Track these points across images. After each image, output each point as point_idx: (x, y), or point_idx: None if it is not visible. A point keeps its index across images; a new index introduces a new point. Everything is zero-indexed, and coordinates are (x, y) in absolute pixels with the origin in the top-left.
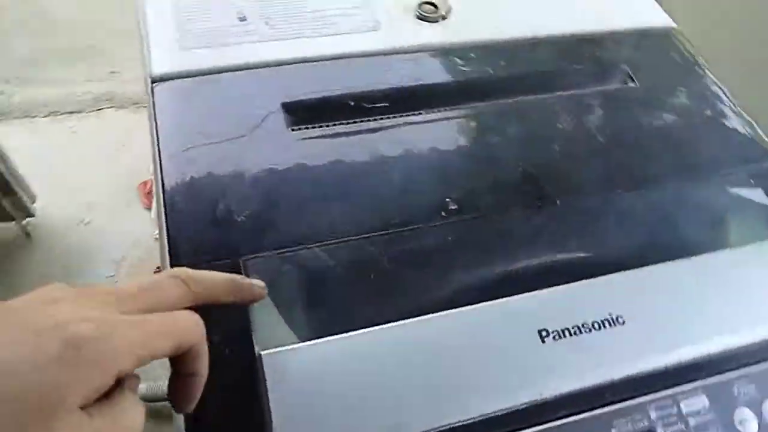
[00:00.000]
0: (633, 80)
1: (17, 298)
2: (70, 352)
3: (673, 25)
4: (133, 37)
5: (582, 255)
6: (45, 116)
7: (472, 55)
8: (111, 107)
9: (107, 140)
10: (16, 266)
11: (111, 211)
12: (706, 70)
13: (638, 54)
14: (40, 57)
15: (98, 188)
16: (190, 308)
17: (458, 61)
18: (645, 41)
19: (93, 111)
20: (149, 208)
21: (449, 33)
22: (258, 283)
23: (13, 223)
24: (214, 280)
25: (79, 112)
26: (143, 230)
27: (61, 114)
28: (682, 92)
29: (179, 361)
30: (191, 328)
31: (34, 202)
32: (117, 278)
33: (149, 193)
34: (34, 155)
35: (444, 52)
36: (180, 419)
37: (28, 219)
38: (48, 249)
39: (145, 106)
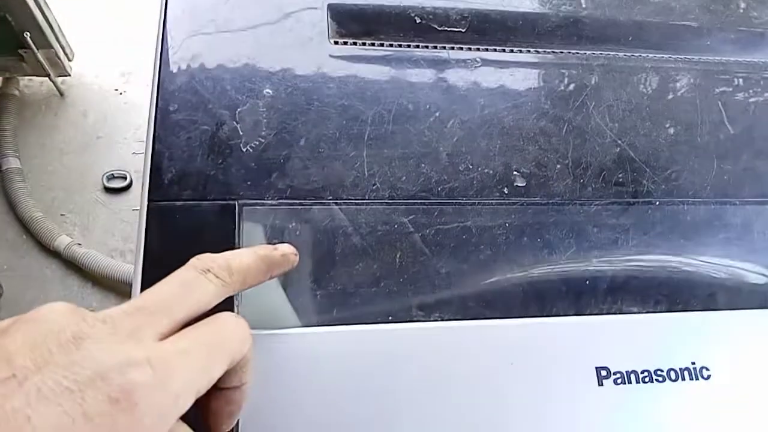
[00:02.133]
0: None
1: (9, 336)
2: (123, 413)
3: None
4: None
5: (672, 278)
6: None
7: None
8: None
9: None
10: (48, 123)
11: (148, 84)
12: None
13: None
14: None
15: (139, 57)
16: None
17: None
18: None
19: None
20: None
21: None
22: (288, 250)
23: (47, 78)
24: (245, 264)
25: None
26: None
27: None
28: None
29: (224, 376)
30: (242, 337)
31: (71, 59)
32: None
33: None
34: (80, 9)
35: None
36: None
37: (63, 78)
38: (82, 113)
39: None
